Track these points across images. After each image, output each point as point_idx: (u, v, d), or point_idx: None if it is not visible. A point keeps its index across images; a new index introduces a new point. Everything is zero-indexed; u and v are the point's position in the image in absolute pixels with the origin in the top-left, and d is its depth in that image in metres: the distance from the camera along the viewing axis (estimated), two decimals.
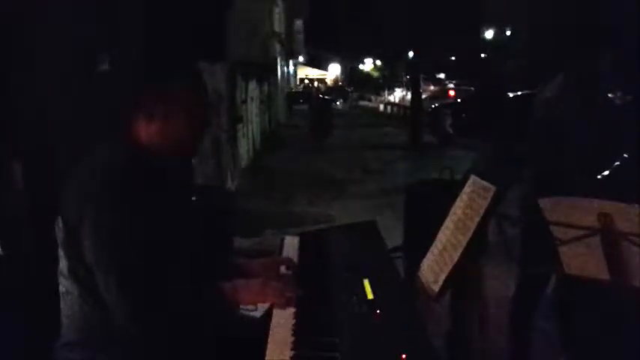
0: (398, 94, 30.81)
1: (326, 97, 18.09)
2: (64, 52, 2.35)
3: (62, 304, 1.55)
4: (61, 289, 1.55)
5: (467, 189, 1.72)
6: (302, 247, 2.02)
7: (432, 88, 26.26)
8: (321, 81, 46.13)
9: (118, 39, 2.69)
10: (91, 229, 1.42)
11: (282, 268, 1.85)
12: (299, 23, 35.21)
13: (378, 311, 1.47)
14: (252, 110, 12.02)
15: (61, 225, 1.50)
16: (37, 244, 1.99)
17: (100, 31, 2.60)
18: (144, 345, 1.47)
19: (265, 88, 15.85)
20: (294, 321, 1.48)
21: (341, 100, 36.47)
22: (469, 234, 1.57)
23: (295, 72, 40.13)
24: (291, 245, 2.05)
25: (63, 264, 1.52)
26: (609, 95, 2.49)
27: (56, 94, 2.31)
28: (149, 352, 1.48)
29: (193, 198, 1.97)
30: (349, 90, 45.05)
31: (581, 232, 1.52)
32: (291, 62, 34.31)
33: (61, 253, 1.52)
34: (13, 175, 2.12)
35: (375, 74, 40.47)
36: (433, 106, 17.23)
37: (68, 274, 1.51)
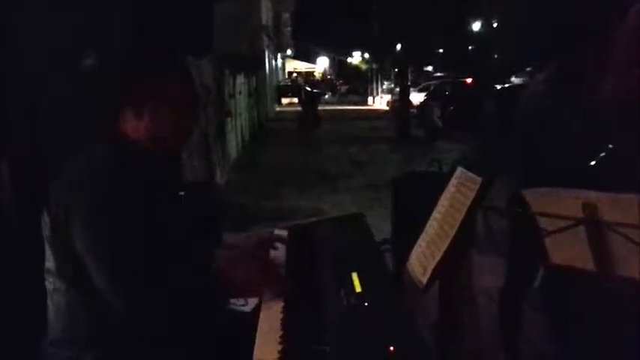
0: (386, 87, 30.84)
1: (314, 90, 18.06)
2: (50, 49, 2.32)
3: (49, 301, 1.55)
4: (49, 286, 1.54)
5: (454, 180, 1.73)
6: (290, 241, 2.02)
7: None
8: (310, 74, 46.00)
9: (105, 35, 2.67)
10: (81, 230, 1.41)
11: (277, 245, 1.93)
12: (286, 16, 35.08)
13: (366, 304, 1.47)
14: (241, 104, 11.98)
15: (48, 222, 1.49)
16: (25, 242, 1.98)
17: (87, 27, 2.57)
18: (132, 341, 1.47)
19: (253, 82, 15.80)
20: (282, 315, 1.48)
21: (329, 94, 36.45)
22: (456, 225, 1.58)
23: (283, 65, 39.99)
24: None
25: (50, 261, 1.51)
26: (598, 87, 2.50)
27: (43, 92, 2.28)
28: (138, 349, 1.48)
29: (182, 193, 1.96)
30: (338, 83, 45.01)
31: (566, 223, 1.53)
32: (279, 56, 34.18)
33: (48, 250, 1.51)
34: (0, 175, 2.09)
35: (364, 67, 40.40)
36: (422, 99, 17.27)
37: (56, 271, 1.50)
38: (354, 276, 1.60)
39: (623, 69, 2.11)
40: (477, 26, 25.54)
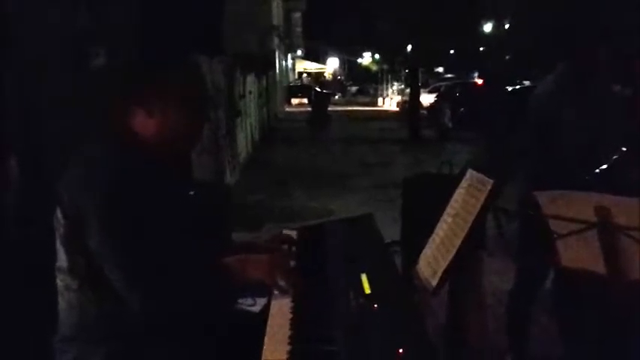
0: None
1: (324, 90, 18.08)
2: (58, 46, 2.33)
3: (60, 299, 1.56)
4: (60, 283, 1.55)
5: (464, 183, 1.72)
6: (300, 241, 2.02)
7: None
8: (320, 75, 46.00)
9: (114, 32, 2.68)
10: (94, 228, 1.42)
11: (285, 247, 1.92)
12: (297, 16, 35.12)
13: (375, 305, 1.47)
14: (251, 104, 12.01)
15: (61, 220, 1.49)
16: (34, 239, 1.99)
17: (95, 24, 2.58)
18: (142, 339, 1.48)
19: (264, 81, 15.83)
20: (291, 315, 1.48)
21: (339, 94, 36.51)
22: (467, 227, 1.57)
23: (294, 66, 40.02)
24: None
25: (62, 259, 1.52)
26: (609, 88, 2.49)
27: (49, 90, 2.29)
28: (148, 346, 1.49)
29: (192, 193, 1.96)
30: (347, 84, 45.03)
31: (578, 226, 1.52)
32: (289, 56, 34.24)
33: (59, 247, 1.52)
34: (9, 172, 2.11)
35: (374, 68, 40.34)
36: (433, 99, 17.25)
37: (67, 269, 1.51)
38: (364, 277, 1.60)
39: None
40: (488, 27, 25.42)
